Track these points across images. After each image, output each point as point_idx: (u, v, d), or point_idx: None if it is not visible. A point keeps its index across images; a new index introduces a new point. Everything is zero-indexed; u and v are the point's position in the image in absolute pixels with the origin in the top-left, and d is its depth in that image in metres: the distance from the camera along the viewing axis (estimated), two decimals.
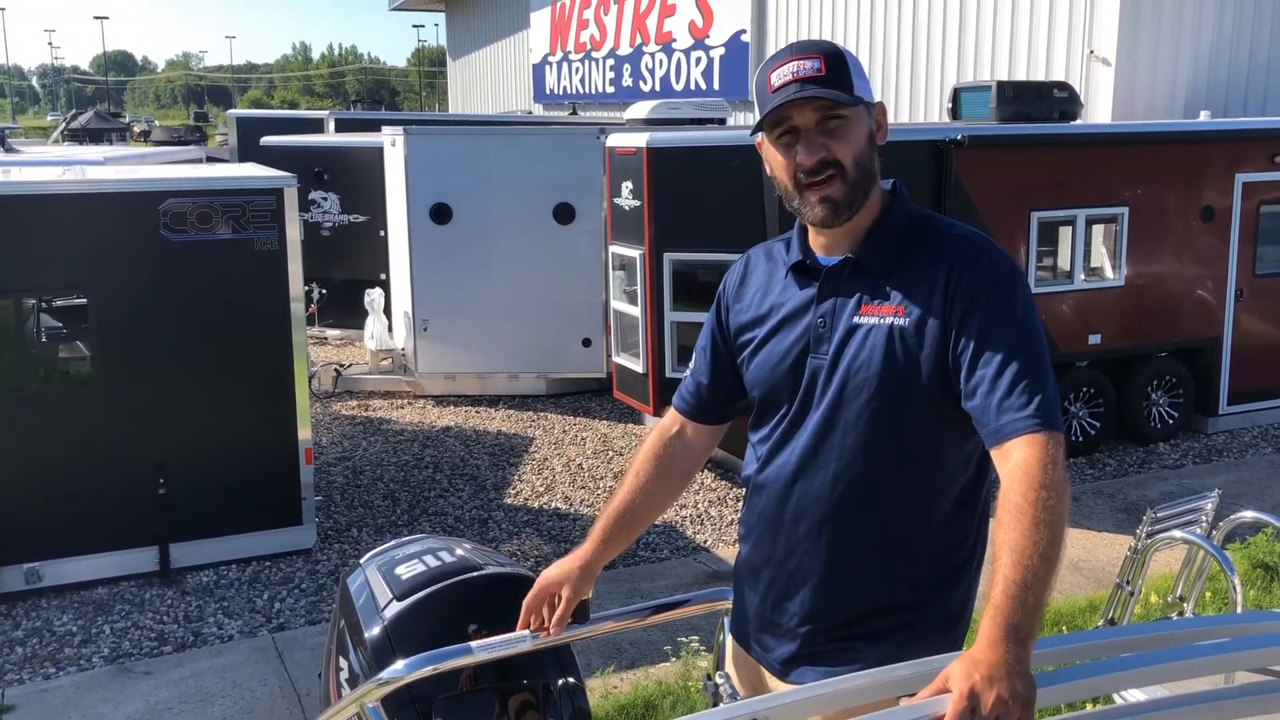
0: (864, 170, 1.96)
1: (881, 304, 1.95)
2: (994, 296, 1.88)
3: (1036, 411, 1.78)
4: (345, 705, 1.79)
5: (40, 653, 5.14)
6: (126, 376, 5.83)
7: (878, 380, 1.93)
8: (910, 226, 2.01)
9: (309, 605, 5.65)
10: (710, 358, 2.23)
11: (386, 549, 2.36)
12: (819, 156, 1.92)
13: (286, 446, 6.17)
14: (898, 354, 1.92)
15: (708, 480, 7.49)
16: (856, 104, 1.93)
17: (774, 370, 2.06)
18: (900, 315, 1.92)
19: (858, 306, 1.97)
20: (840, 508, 1.98)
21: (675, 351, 7.36)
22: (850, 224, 1.99)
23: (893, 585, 1.98)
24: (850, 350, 1.95)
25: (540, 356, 9.53)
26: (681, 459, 2.28)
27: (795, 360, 2.02)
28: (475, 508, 7.05)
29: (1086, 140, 8.03)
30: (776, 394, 2.06)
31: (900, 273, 1.96)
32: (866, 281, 1.98)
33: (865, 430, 1.95)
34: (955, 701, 1.40)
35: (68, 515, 5.74)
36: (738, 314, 2.16)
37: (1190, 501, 3.50)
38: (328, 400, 9.66)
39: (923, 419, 1.93)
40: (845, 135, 1.93)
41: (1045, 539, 1.63)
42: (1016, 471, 1.73)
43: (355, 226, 11.28)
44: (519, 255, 9.30)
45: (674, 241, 7.25)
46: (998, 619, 1.54)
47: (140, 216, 5.77)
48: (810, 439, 2.00)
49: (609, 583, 5.80)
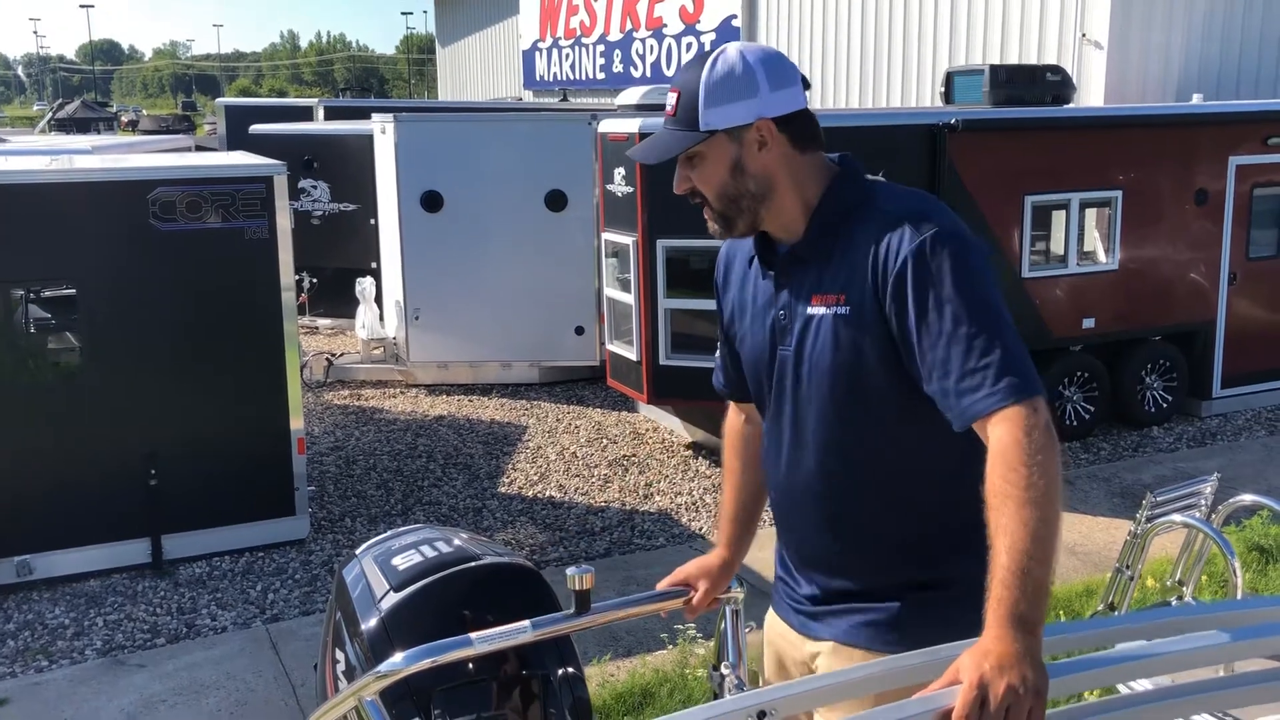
0: (728, 197, 1.98)
1: (826, 293, 1.93)
2: (926, 270, 1.79)
3: (995, 385, 1.69)
4: (343, 698, 1.77)
5: (32, 646, 5.11)
6: (116, 367, 5.79)
7: (831, 372, 1.92)
8: (851, 206, 1.96)
9: (303, 596, 5.62)
10: (724, 343, 2.24)
11: (382, 539, 2.34)
12: (685, 188, 2.00)
13: (279, 436, 6.13)
14: (844, 344, 1.90)
15: (702, 468, 7.47)
16: (703, 139, 1.93)
17: (755, 363, 2.08)
18: (841, 303, 1.90)
19: (809, 296, 1.95)
20: (830, 494, 1.99)
21: (669, 339, 7.33)
22: (772, 220, 1.99)
23: (904, 561, 1.96)
24: (808, 342, 1.95)
25: (533, 345, 9.49)
26: (757, 439, 2.25)
27: (768, 352, 2.04)
28: (469, 497, 7.02)
29: (1080, 124, 8.00)
30: (760, 386, 2.09)
31: (841, 257, 1.92)
32: (813, 269, 1.96)
33: (834, 420, 1.95)
34: (965, 692, 1.37)
35: (58, 507, 5.69)
36: (726, 305, 2.18)
37: (1189, 485, 3.49)
38: (320, 390, 9.62)
39: (886, 404, 1.90)
40: (701, 169, 1.97)
41: (1035, 519, 1.57)
42: (993, 454, 1.66)
43: (346, 215, 11.21)
44: (511, 243, 9.25)
45: (668, 228, 7.21)
46: (1000, 609, 1.51)
47: (129, 206, 5.71)
48: (791, 429, 2.02)
49: (604, 571, 5.77)
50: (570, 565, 5.22)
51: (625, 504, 6.86)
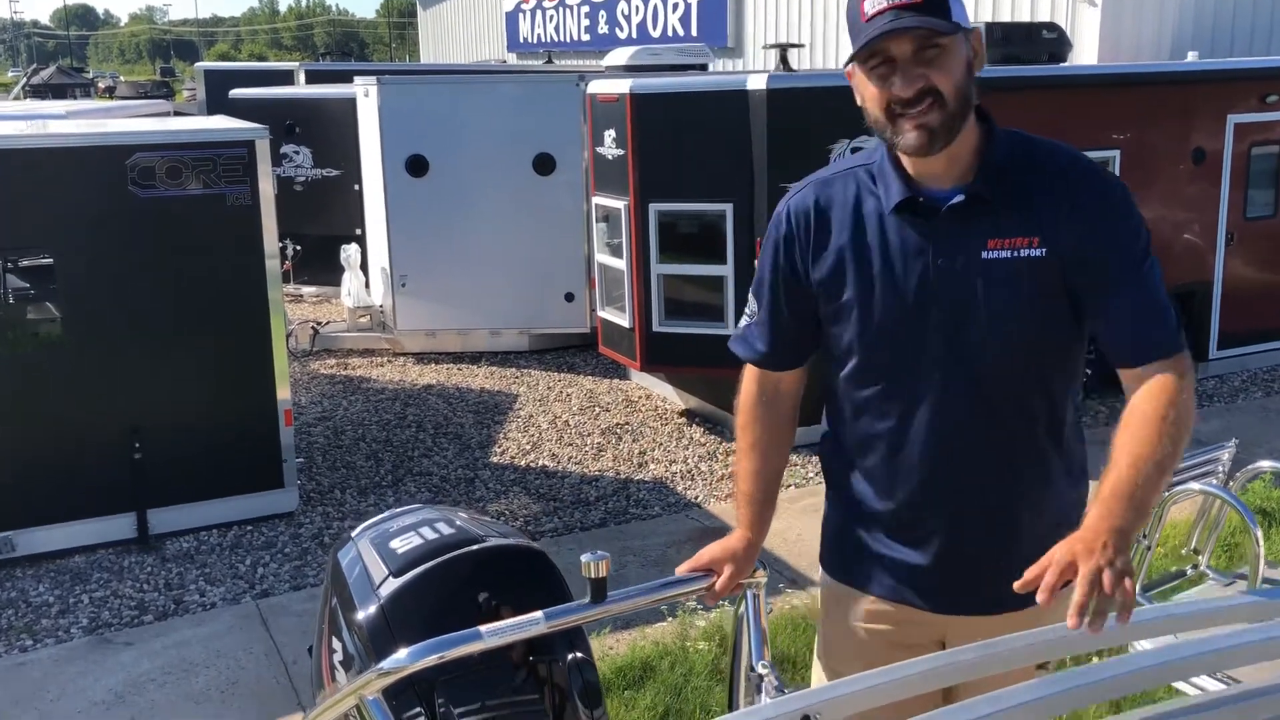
0: (963, 98, 1.87)
1: (1010, 235, 1.89)
2: (1124, 225, 1.89)
3: (1175, 333, 1.86)
4: (343, 696, 1.66)
5: (16, 624, 4.99)
6: (96, 338, 5.63)
7: (1017, 313, 1.89)
8: (1017, 151, 1.94)
9: (293, 570, 5.51)
10: (787, 302, 2.08)
11: (379, 520, 2.22)
12: (917, 87, 1.83)
13: (265, 407, 5.99)
14: (1035, 284, 1.88)
15: (696, 435, 7.38)
16: (955, 31, 1.82)
17: (892, 317, 1.95)
18: (1034, 245, 1.88)
19: (984, 239, 1.90)
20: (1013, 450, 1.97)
21: (662, 305, 7.20)
22: (950, 151, 1.90)
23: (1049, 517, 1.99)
24: (982, 286, 1.89)
25: (522, 312, 9.34)
26: (782, 410, 2.16)
27: (917, 304, 1.92)
28: (461, 467, 6.91)
29: (1077, 82, 7.88)
30: (896, 341, 1.96)
31: (1022, 200, 1.90)
32: (990, 212, 1.90)
33: (1008, 364, 1.92)
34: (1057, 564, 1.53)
35: (40, 482, 5.55)
36: (818, 257, 2.02)
37: (1207, 452, 3.41)
38: (306, 359, 9.47)
39: (1061, 345, 1.94)
40: (944, 64, 1.83)
41: (1165, 451, 1.72)
42: (1154, 385, 1.81)
43: (329, 181, 11.01)
44: (498, 208, 9.08)
45: (660, 192, 7.07)
46: (1105, 516, 1.62)
47: (107, 172, 5.53)
48: (945, 383, 1.94)
49: (601, 541, 5.68)
50: (566, 536, 5.08)
51: (619, 473, 6.76)
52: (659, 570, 5.33)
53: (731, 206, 6.80)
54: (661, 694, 4.10)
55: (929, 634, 2.10)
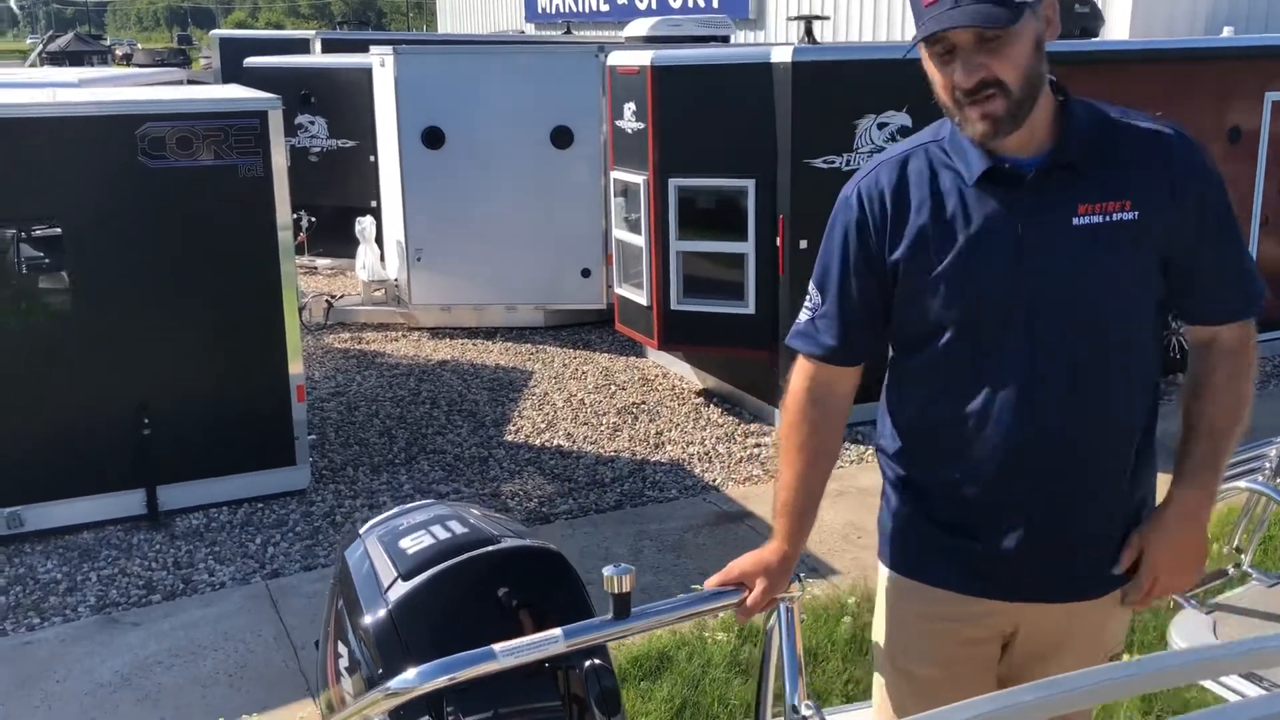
0: (1030, 83, 1.78)
1: (1103, 200, 1.84)
2: (1210, 185, 1.89)
3: (1250, 292, 1.94)
4: (351, 715, 1.55)
5: (24, 601, 4.92)
6: (104, 311, 5.53)
7: (1112, 279, 1.85)
8: (1096, 116, 1.90)
9: (304, 550, 5.42)
10: (859, 290, 1.96)
11: (388, 518, 2.10)
12: (978, 77, 1.74)
13: (277, 382, 5.89)
14: (1129, 248, 1.85)
15: (714, 416, 7.25)
16: (1016, 20, 1.71)
17: (978, 293, 1.85)
18: (1125, 209, 1.84)
19: (1074, 205, 1.84)
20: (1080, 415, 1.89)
21: (681, 283, 7.06)
22: (1045, 109, 1.85)
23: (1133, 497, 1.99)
24: (1074, 254, 1.84)
25: (538, 287, 9.21)
26: (835, 413, 2.04)
27: (1005, 277, 1.83)
28: (475, 445, 6.80)
29: (1109, 58, 7.66)
30: (982, 318, 1.86)
31: (1109, 164, 1.86)
32: (1077, 178, 1.85)
33: (1101, 335, 1.88)
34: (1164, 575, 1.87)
35: (49, 457, 5.47)
36: (896, 238, 1.90)
37: (1254, 448, 3.26)
38: (319, 333, 9.37)
39: (1153, 312, 1.93)
40: (1006, 52, 1.73)
41: (1241, 419, 1.91)
42: (1222, 349, 1.92)
43: (344, 151, 10.87)
44: (515, 181, 8.93)
45: (680, 166, 6.91)
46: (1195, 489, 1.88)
47: (116, 141, 5.41)
48: (1034, 358, 1.86)
49: (616, 524, 5.58)
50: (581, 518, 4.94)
51: (635, 454, 6.64)
52: (675, 556, 5.22)
53: (754, 182, 6.64)
54: (679, 686, 4.00)
55: (1001, 625, 2.04)
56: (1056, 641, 2.04)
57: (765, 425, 7.00)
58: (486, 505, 5.87)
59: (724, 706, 3.91)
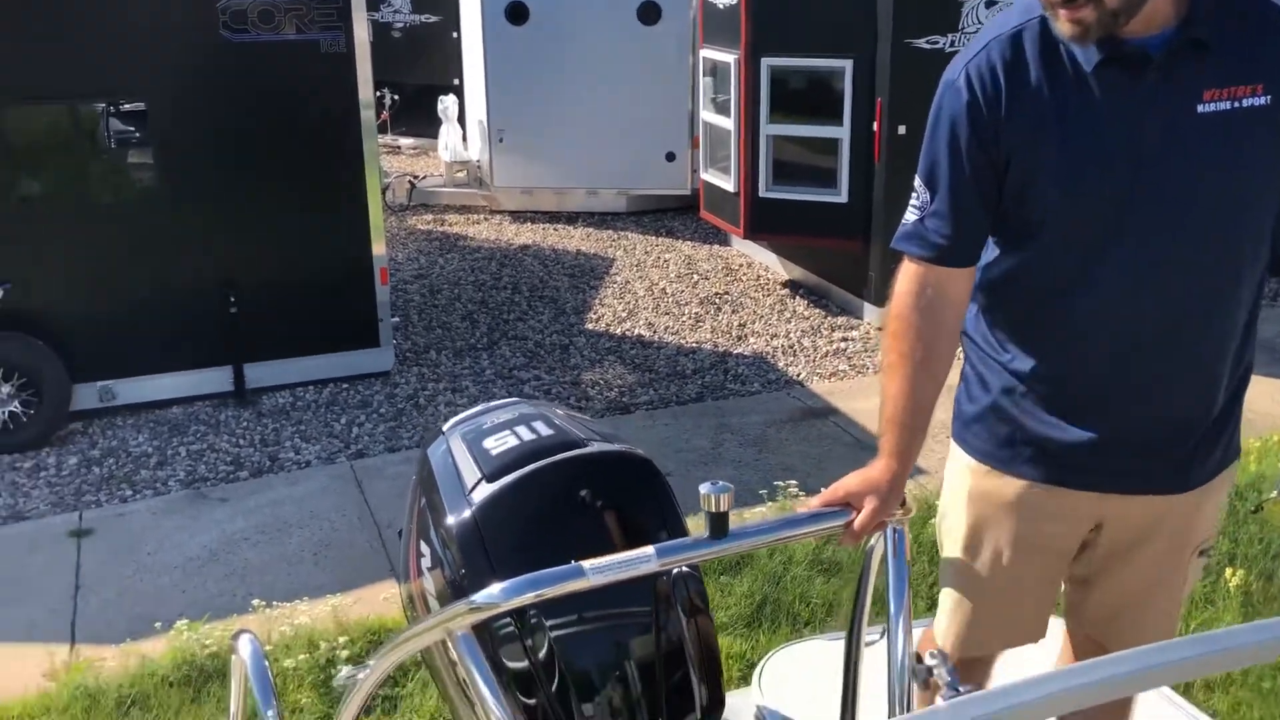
0: None
1: (1231, 83, 1.67)
2: None
3: None
4: (430, 626, 1.49)
5: (117, 474, 5.03)
6: (189, 187, 5.51)
7: (1238, 170, 1.71)
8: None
9: (388, 431, 5.45)
10: (973, 180, 1.80)
11: (472, 415, 2.02)
12: None
13: (361, 263, 5.87)
14: (1259, 137, 1.69)
15: (799, 308, 7.08)
16: None
17: (1096, 180, 1.73)
18: (1258, 93, 1.67)
19: (1200, 89, 1.67)
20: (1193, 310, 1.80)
21: (771, 169, 6.81)
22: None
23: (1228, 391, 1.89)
24: (1199, 140, 1.69)
25: (621, 171, 9.01)
26: (948, 319, 1.89)
27: (1126, 164, 1.70)
28: (555, 332, 6.74)
29: None
30: (1100, 207, 1.74)
31: (1242, 44, 1.68)
32: (1206, 58, 1.67)
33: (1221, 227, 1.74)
34: None
35: (139, 332, 5.54)
36: (1010, 122, 1.75)
37: None
38: (402, 214, 9.33)
39: (1275, 205, 1.78)
40: None
41: None
42: None
43: (427, 27, 10.68)
44: (599, 59, 8.67)
45: (774, 44, 6.60)
46: None
47: (197, 15, 5.32)
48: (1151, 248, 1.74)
49: (697, 416, 5.50)
50: (662, 410, 4.80)
51: (718, 345, 6.52)
52: (756, 451, 5.14)
53: (851, 63, 6.32)
54: (759, 582, 3.95)
55: (1085, 520, 1.97)
56: (1144, 534, 1.96)
57: (853, 319, 6.81)
58: (567, 394, 5.83)
59: (805, 604, 3.85)
